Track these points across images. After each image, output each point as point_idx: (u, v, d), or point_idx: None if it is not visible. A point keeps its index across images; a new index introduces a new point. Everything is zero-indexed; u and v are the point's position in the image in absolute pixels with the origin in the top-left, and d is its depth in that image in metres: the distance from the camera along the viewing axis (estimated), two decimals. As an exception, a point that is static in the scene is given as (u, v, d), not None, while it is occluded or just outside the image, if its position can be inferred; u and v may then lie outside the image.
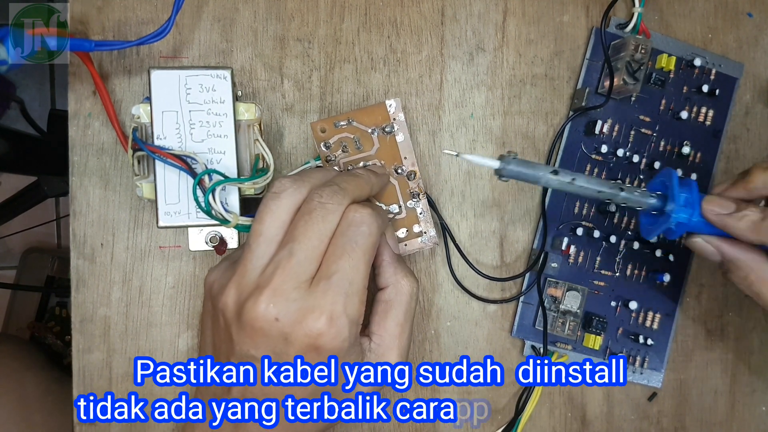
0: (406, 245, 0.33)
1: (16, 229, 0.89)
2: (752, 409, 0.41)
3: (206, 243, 0.31)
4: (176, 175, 0.29)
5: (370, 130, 0.32)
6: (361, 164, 0.32)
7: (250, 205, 0.34)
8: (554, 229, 0.37)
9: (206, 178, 0.28)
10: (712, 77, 0.38)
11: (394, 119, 0.32)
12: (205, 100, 0.29)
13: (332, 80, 0.35)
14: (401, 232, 0.33)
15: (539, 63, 0.37)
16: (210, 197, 0.28)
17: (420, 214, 0.33)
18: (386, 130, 0.32)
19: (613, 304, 0.38)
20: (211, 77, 0.29)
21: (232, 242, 0.32)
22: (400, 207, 0.33)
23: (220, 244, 0.31)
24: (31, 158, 0.74)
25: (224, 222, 0.29)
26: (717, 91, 0.38)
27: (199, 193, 0.28)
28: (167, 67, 0.29)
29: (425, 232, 0.33)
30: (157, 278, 0.34)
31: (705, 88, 0.38)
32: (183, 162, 0.28)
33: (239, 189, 0.30)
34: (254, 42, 0.34)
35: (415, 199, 0.33)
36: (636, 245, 0.38)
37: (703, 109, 0.38)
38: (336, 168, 0.32)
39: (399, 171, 0.33)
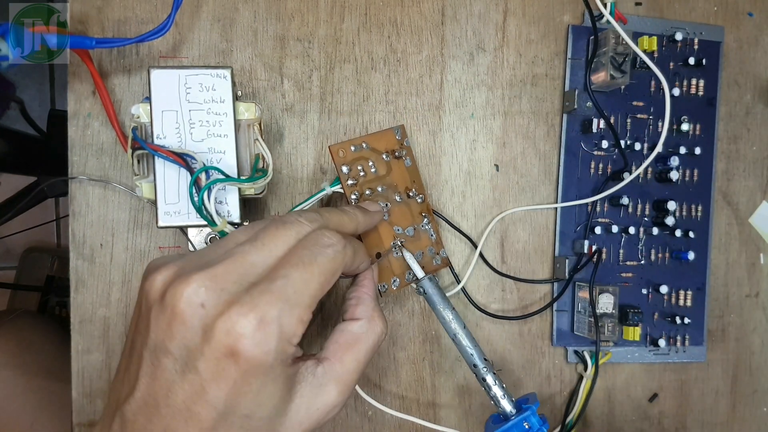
0: (423, 267, 0.32)
1: (16, 229, 0.89)
2: (753, 409, 0.41)
3: (206, 243, 0.31)
4: (176, 174, 0.29)
5: (383, 155, 0.32)
6: (379, 188, 0.32)
7: (250, 206, 0.34)
8: (572, 232, 0.37)
9: (203, 175, 0.28)
10: (696, 47, 0.39)
11: (402, 145, 0.32)
12: (205, 100, 0.29)
13: (332, 80, 0.35)
14: (417, 255, 0.32)
15: (540, 63, 0.37)
16: (204, 195, 0.28)
17: (431, 235, 0.33)
18: (396, 155, 0.32)
19: (644, 291, 0.39)
20: (210, 77, 0.29)
21: (232, 242, 0.32)
22: (414, 229, 0.33)
23: (220, 245, 0.31)
24: (31, 158, 0.74)
25: (212, 224, 0.28)
26: (703, 60, 0.38)
27: (194, 190, 0.28)
28: (167, 66, 0.29)
29: (437, 254, 0.33)
30: (156, 278, 0.34)
31: (691, 60, 0.38)
32: (182, 160, 0.28)
33: (239, 188, 0.30)
34: (254, 42, 0.34)
35: (426, 221, 0.33)
36: (655, 231, 0.38)
37: (693, 81, 0.39)
38: (357, 192, 0.31)
39: (410, 194, 0.32)
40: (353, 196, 0.31)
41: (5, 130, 0.71)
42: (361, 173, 0.31)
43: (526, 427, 0.29)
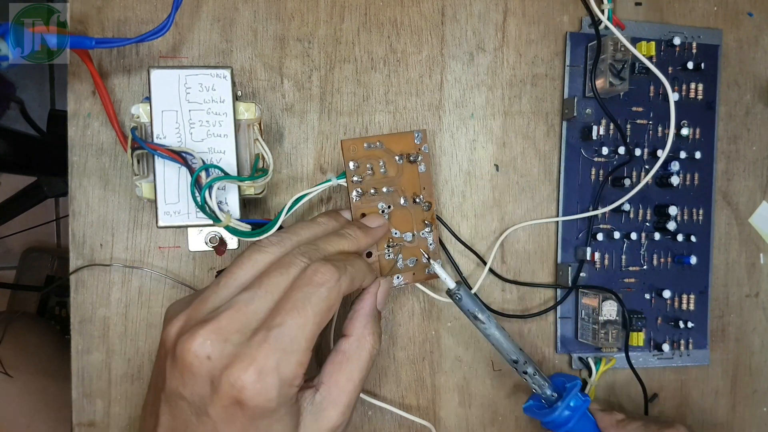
0: (414, 274, 0.33)
1: (16, 229, 0.89)
2: (753, 409, 0.41)
3: (206, 243, 0.31)
4: (176, 174, 0.29)
5: (396, 157, 0.32)
6: (384, 189, 0.32)
7: (250, 206, 0.34)
8: (574, 239, 0.37)
9: (204, 174, 0.28)
10: (694, 51, 0.38)
11: (419, 150, 0.32)
12: (205, 100, 0.29)
13: (332, 80, 0.35)
14: (410, 261, 0.33)
15: (540, 63, 0.37)
16: (206, 193, 0.28)
17: (430, 244, 0.33)
18: (411, 159, 0.32)
19: (647, 296, 0.39)
20: (210, 77, 0.29)
21: (232, 243, 0.32)
22: (413, 235, 0.33)
23: (220, 245, 0.31)
24: (31, 158, 0.74)
25: (216, 220, 0.28)
26: (702, 64, 0.38)
27: (196, 189, 0.28)
28: (167, 66, 0.29)
29: (433, 262, 0.33)
30: (156, 279, 0.34)
31: (690, 65, 0.38)
32: (181, 158, 0.28)
33: (239, 188, 0.30)
34: (254, 42, 0.34)
35: (428, 229, 0.33)
36: (657, 236, 0.38)
37: (692, 85, 0.39)
38: (359, 189, 0.31)
39: (417, 200, 0.32)
40: (354, 194, 0.31)
41: (5, 130, 0.71)
42: (369, 172, 0.31)
43: (572, 405, 0.33)
